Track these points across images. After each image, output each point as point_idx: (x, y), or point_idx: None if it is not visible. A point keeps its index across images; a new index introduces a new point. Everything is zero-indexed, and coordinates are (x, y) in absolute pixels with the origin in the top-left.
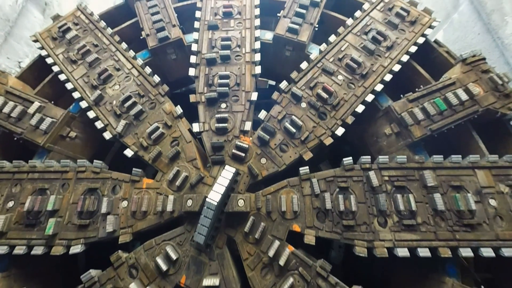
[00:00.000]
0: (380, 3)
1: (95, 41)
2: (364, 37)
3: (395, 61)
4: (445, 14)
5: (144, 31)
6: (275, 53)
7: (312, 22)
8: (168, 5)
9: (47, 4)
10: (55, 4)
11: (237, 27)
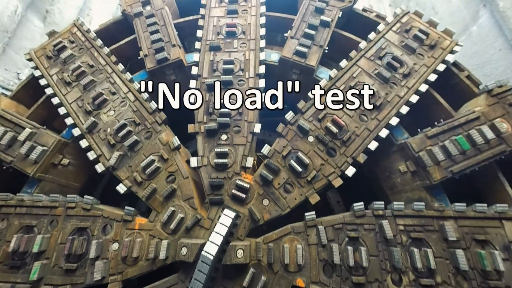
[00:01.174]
0: (397, 24)
1: (91, 61)
2: (379, 63)
3: (412, 91)
4: (463, 26)
5: (142, 51)
6: (281, 76)
7: (321, 44)
8: (168, 23)
9: (48, 11)
10: (56, 12)
11: (240, 48)
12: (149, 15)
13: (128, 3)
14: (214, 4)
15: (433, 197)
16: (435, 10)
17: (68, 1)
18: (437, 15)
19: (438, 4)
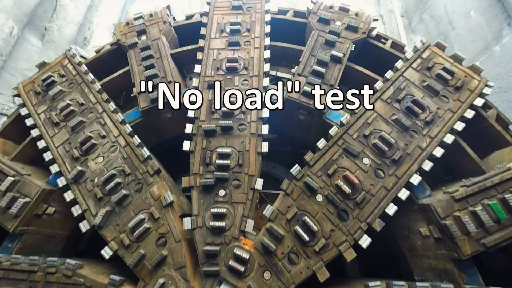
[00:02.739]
0: (417, 60)
1: (81, 98)
2: (397, 106)
3: (436, 142)
4: (484, 45)
5: (136, 87)
6: (286, 115)
7: (332, 83)
8: (164, 55)
9: (46, 29)
10: (55, 29)
11: (242, 86)
12: (144, 47)
13: (123, 32)
14: (214, 35)
15: (461, 271)
16: (452, 25)
17: (68, 17)
18: (454, 31)
19: (455, 19)
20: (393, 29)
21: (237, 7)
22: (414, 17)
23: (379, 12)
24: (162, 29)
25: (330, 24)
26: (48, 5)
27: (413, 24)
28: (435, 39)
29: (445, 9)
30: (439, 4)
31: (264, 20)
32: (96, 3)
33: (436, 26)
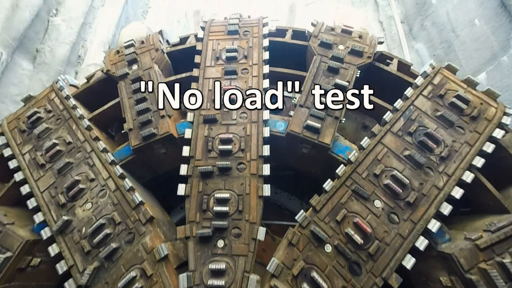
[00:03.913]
0: (428, 87)
1: (68, 136)
2: (409, 140)
3: (454, 181)
4: (490, 55)
5: (127, 123)
6: (289, 147)
7: (337, 115)
8: (157, 87)
9: (38, 51)
10: (47, 51)
11: (240, 120)
12: (135, 78)
13: (112, 61)
14: (209, 62)
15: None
16: (456, 33)
17: (60, 37)
18: (458, 39)
19: (459, 27)
20: (394, 36)
21: (233, 32)
22: (415, 23)
23: (378, 18)
24: (154, 57)
25: (332, 48)
26: (39, 26)
27: (414, 31)
28: (438, 47)
29: (448, 16)
30: (440, 11)
31: (262, 46)
32: (90, 20)
33: (438, 33)
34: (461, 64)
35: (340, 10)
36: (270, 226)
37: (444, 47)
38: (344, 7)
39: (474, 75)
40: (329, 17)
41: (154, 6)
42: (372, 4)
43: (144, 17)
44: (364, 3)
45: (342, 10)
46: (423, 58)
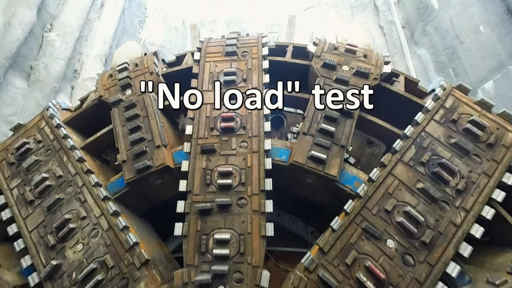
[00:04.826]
0: (439, 111)
1: (58, 169)
2: (422, 171)
3: (473, 217)
4: (497, 63)
5: (120, 154)
6: (292, 177)
7: (343, 144)
8: (152, 113)
9: (32, 68)
10: (41, 67)
11: (240, 149)
12: (129, 105)
13: (106, 86)
14: (206, 86)
15: None
16: (460, 39)
17: (55, 53)
18: (463, 46)
19: (463, 34)
20: (395, 41)
21: (231, 53)
22: (417, 28)
23: (378, 23)
24: (148, 81)
25: (336, 69)
26: (33, 42)
27: (416, 36)
28: (441, 53)
29: (451, 22)
30: (443, 16)
31: (261, 68)
32: (86, 33)
33: (441, 39)
34: (467, 71)
35: (338, 15)
36: (273, 252)
37: (448, 54)
38: (343, 12)
39: (481, 83)
40: (327, 22)
41: (151, 15)
42: (372, 8)
43: (141, 26)
44: (363, 8)
45: (341, 15)
46: (425, 64)
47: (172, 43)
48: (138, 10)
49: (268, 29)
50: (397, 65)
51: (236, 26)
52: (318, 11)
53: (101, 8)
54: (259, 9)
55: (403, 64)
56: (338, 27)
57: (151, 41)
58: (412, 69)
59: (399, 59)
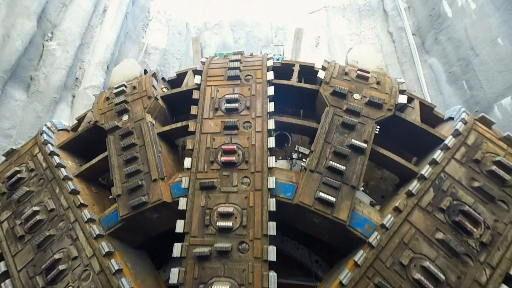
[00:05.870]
0: (461, 148)
1: (50, 202)
2: (441, 218)
3: (500, 276)
4: None
5: (114, 188)
6: (298, 215)
7: (354, 184)
8: (148, 143)
9: (32, 78)
10: (41, 78)
11: (242, 186)
12: (125, 133)
13: (102, 110)
14: (207, 114)
15: None
16: (475, 51)
17: (55, 63)
18: (478, 58)
19: (479, 45)
20: (404, 49)
21: (234, 77)
22: (428, 36)
23: (387, 29)
24: (146, 106)
25: (347, 97)
26: (34, 52)
27: (427, 44)
28: (454, 64)
29: (466, 33)
30: (457, 26)
31: (266, 94)
32: (88, 39)
33: (455, 49)
34: (482, 85)
35: (346, 19)
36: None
37: (462, 65)
38: (351, 16)
39: (497, 99)
40: (334, 26)
41: (155, 19)
42: (380, 13)
43: (144, 30)
44: (372, 12)
45: (348, 19)
46: (437, 74)
47: (176, 47)
48: (141, 13)
49: (273, 33)
50: (407, 74)
51: (241, 29)
52: (324, 15)
53: (103, 14)
54: (263, 12)
55: (413, 73)
56: (351, 60)
57: (154, 45)
58: (423, 79)
59: (409, 68)
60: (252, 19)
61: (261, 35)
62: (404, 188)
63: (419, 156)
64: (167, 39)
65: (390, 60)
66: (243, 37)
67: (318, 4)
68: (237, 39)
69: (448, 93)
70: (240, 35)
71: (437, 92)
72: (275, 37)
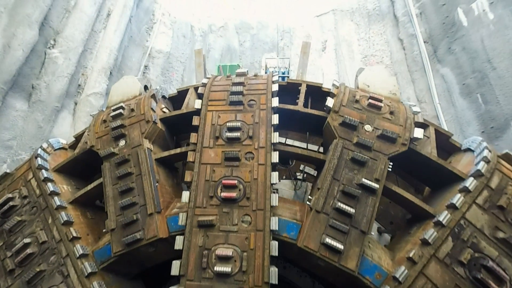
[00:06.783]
0: (483, 192)
1: (42, 234)
2: (460, 273)
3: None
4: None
5: (108, 219)
6: (302, 255)
7: (364, 230)
8: (146, 172)
9: (34, 87)
10: (43, 87)
11: (242, 225)
12: (121, 161)
13: (98, 134)
14: (207, 142)
15: None
16: (492, 64)
17: (57, 71)
18: (495, 72)
19: (496, 58)
20: (415, 57)
21: (236, 103)
22: (441, 45)
23: (397, 35)
24: (144, 131)
25: (357, 129)
26: (35, 60)
27: (440, 53)
28: (469, 76)
29: (482, 44)
30: (473, 36)
31: (270, 122)
32: (91, 45)
33: (470, 61)
34: (498, 100)
35: (354, 23)
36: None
37: (477, 78)
38: (359, 20)
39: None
40: (342, 30)
41: (159, 22)
42: (391, 18)
43: (148, 33)
44: (381, 17)
45: (357, 23)
46: (450, 85)
47: (180, 50)
48: (145, 16)
49: (279, 36)
50: (417, 83)
51: (246, 32)
52: (332, 18)
53: (107, 18)
54: (269, 14)
55: (423, 82)
56: (362, 83)
57: (158, 48)
58: (434, 89)
59: (420, 77)
60: (258, 21)
61: (267, 38)
62: (418, 229)
63: (433, 188)
64: (172, 42)
65: (400, 68)
66: (248, 40)
67: (325, 7)
68: (242, 42)
69: (461, 106)
70: (245, 38)
71: (449, 104)
72: (281, 40)
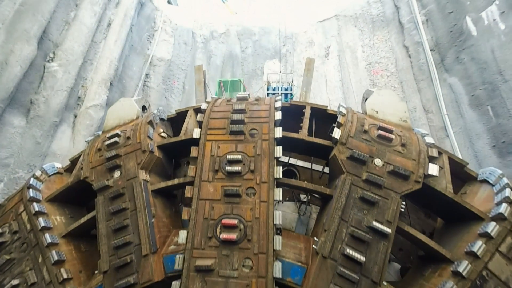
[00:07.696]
0: (507, 239)
1: (32, 274)
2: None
3: None
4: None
5: (101, 260)
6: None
7: (375, 280)
8: (141, 208)
9: (32, 102)
10: (41, 102)
11: (243, 270)
12: (116, 195)
13: (92, 163)
14: (206, 175)
15: None
16: (504, 76)
17: (56, 85)
18: (507, 84)
19: (508, 70)
20: (422, 65)
21: (237, 132)
22: (448, 54)
23: (403, 42)
24: (140, 161)
25: (367, 164)
26: (34, 75)
27: (447, 62)
28: (478, 87)
29: (493, 55)
30: (483, 46)
31: (273, 155)
32: (91, 56)
33: (479, 71)
34: (511, 114)
35: (358, 29)
36: None
37: (487, 90)
38: (363, 26)
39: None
40: (345, 36)
41: (160, 29)
42: (396, 25)
43: (149, 41)
44: (386, 23)
45: (361, 29)
46: (458, 95)
47: (181, 58)
48: (147, 24)
49: (281, 42)
50: (424, 92)
51: (248, 38)
52: (335, 24)
53: (107, 28)
54: (271, 20)
55: (430, 92)
56: (371, 110)
57: (159, 56)
58: (441, 100)
59: (426, 86)
60: (260, 27)
61: (269, 44)
62: (433, 274)
63: (446, 220)
64: (173, 49)
65: (406, 76)
66: (250, 46)
67: (328, 12)
68: (244, 48)
69: (471, 118)
70: (247, 44)
71: (458, 115)
72: (283, 46)
